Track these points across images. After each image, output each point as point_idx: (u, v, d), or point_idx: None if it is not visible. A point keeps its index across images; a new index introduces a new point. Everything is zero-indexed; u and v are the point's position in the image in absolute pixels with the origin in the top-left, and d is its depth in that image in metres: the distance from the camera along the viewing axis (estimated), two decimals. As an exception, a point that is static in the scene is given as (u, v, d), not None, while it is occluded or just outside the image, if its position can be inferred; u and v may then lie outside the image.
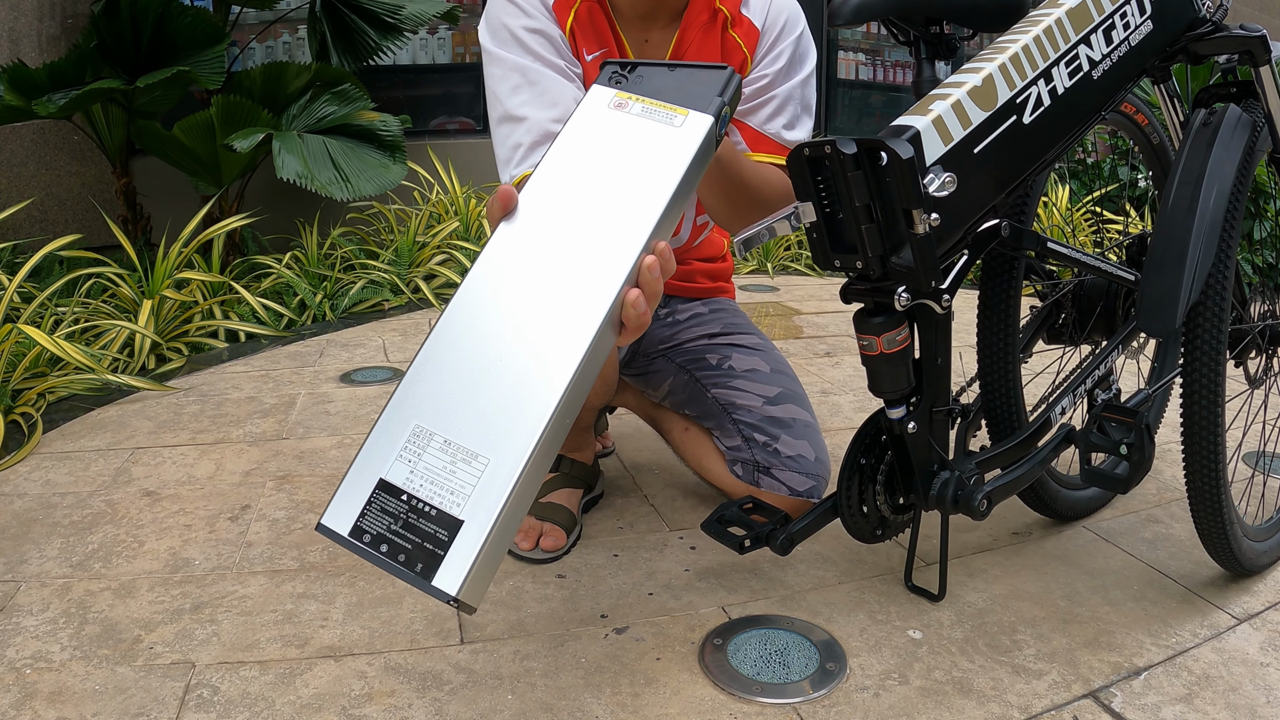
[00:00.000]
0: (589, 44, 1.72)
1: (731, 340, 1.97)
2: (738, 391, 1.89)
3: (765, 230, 1.34)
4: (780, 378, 1.92)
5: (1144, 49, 1.60)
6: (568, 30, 1.69)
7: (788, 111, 1.74)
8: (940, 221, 1.31)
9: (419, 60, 5.65)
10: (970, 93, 1.36)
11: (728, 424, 1.88)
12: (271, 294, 3.80)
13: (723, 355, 1.94)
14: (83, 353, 2.83)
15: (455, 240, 4.36)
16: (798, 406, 1.88)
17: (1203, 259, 1.50)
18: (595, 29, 1.73)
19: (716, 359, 1.94)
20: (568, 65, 1.67)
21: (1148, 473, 1.61)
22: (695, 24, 1.76)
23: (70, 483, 2.17)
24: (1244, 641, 1.59)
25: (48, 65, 3.59)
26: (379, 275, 4.07)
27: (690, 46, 1.76)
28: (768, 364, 1.93)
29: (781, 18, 1.77)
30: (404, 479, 0.89)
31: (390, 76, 5.44)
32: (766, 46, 1.76)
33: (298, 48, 5.25)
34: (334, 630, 1.58)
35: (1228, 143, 1.59)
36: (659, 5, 1.74)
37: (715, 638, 1.56)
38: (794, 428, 1.85)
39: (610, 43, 1.75)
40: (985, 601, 1.69)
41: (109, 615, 1.62)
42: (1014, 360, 1.76)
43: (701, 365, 1.94)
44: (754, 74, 1.75)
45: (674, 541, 1.90)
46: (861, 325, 1.41)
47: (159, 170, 4.23)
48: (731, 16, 1.75)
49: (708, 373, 1.93)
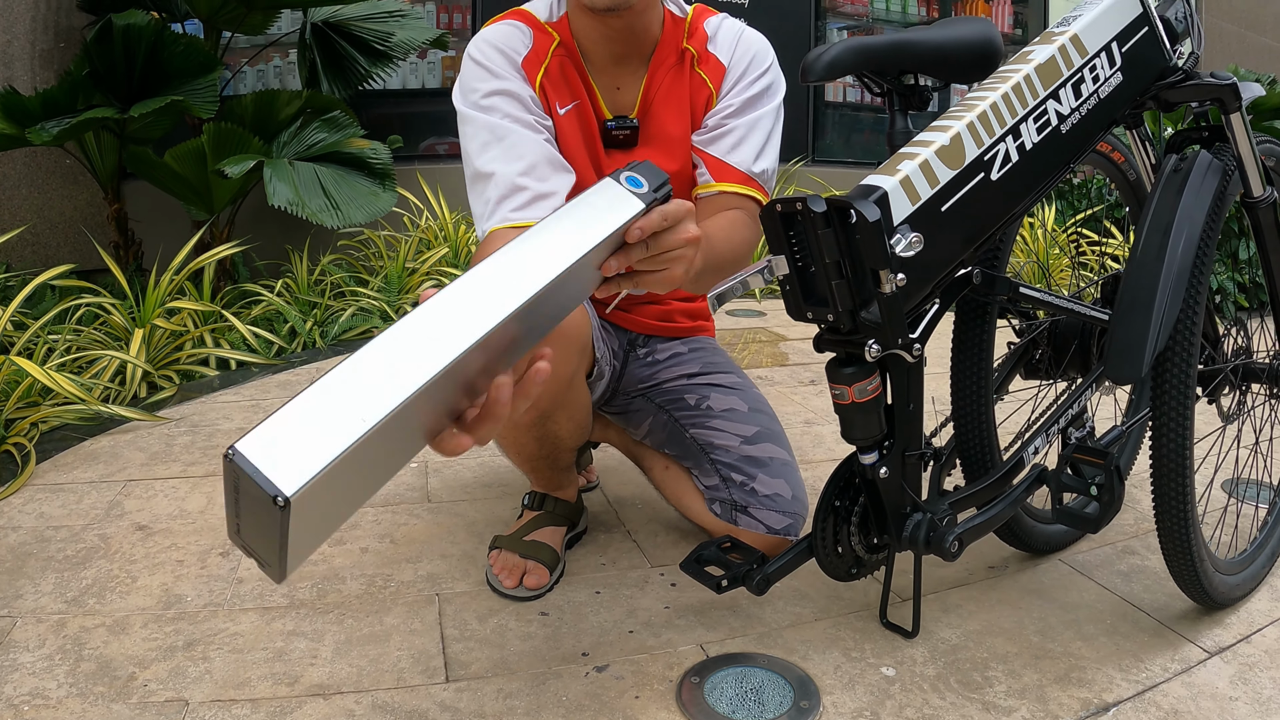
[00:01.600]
0: (560, 97, 1.78)
1: (710, 380, 2.00)
2: (715, 431, 1.92)
3: (739, 284, 1.38)
4: (758, 416, 1.95)
5: (1114, 100, 1.63)
6: (537, 87, 1.75)
7: (752, 142, 1.78)
8: (907, 281, 1.34)
9: (409, 85, 5.68)
10: (938, 152, 1.39)
11: (706, 464, 1.92)
12: (262, 321, 3.82)
13: (701, 395, 1.97)
14: (74, 383, 2.85)
15: (444, 266, 4.39)
16: (775, 445, 1.92)
17: (1170, 306, 1.53)
18: (566, 81, 1.79)
19: (695, 399, 1.97)
20: (537, 120, 1.71)
21: (1118, 512, 1.65)
22: (664, 65, 1.82)
23: (64, 516, 2.19)
24: (1214, 675, 1.62)
25: (41, 93, 3.62)
26: (368, 302, 4.09)
27: (660, 88, 1.81)
28: (745, 403, 1.96)
29: (749, 53, 1.82)
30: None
31: (380, 100, 5.47)
32: (733, 80, 1.81)
33: (289, 72, 5.28)
34: (323, 668, 1.61)
35: (1197, 189, 1.63)
36: (629, 50, 1.80)
37: (693, 675, 1.59)
38: (770, 466, 1.88)
39: (582, 93, 1.80)
40: (959, 637, 1.72)
41: (104, 652, 1.65)
42: (987, 402, 1.79)
43: (680, 405, 1.97)
44: (720, 106, 1.81)
45: (655, 578, 1.93)
46: (833, 375, 1.45)
47: (151, 194, 4.25)
48: (698, 54, 1.81)
49: (686, 413, 1.96)
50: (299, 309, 3.95)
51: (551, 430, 1.79)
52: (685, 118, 1.83)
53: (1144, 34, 1.66)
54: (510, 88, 1.71)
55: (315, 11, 4.42)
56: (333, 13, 4.43)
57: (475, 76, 1.72)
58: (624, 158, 1.83)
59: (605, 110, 1.83)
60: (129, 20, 3.72)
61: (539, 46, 1.77)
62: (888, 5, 7.26)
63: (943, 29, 1.63)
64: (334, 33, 4.45)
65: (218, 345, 3.52)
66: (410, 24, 4.63)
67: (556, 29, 1.80)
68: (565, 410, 1.76)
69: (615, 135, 1.83)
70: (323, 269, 4.42)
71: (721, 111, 1.80)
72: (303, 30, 4.45)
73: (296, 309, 3.93)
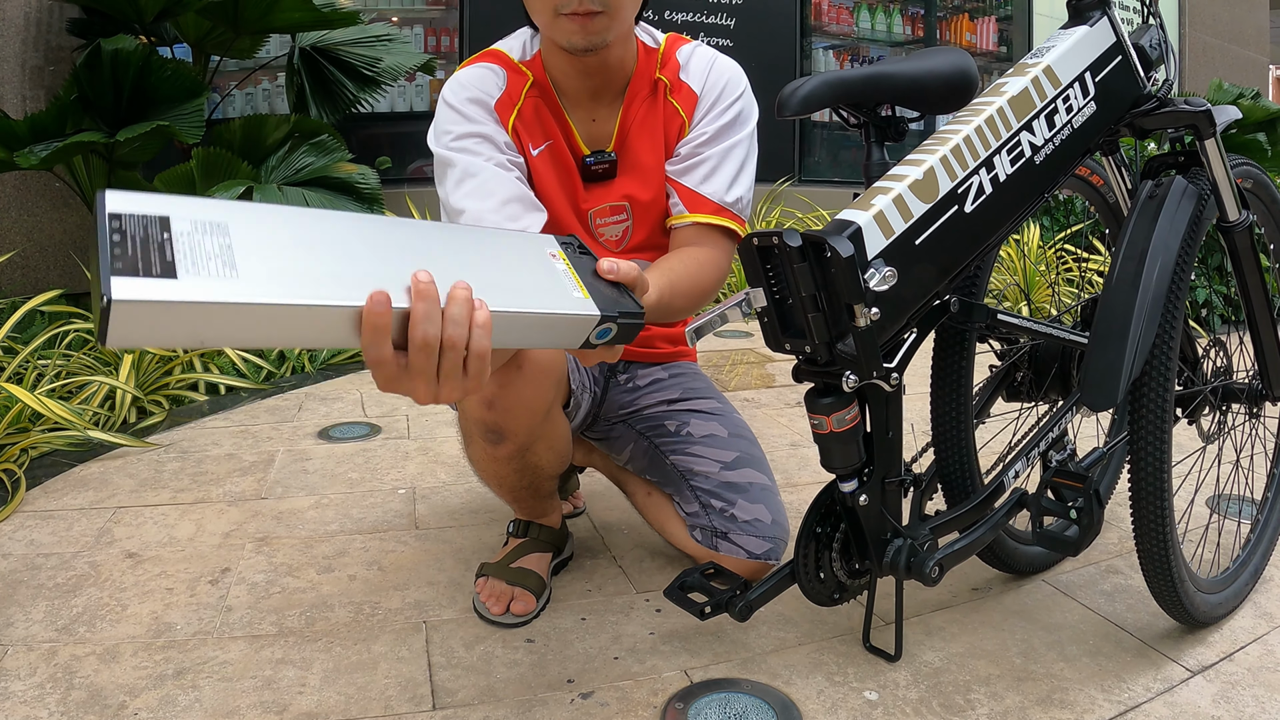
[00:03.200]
0: (534, 138, 1.81)
1: (690, 405, 2.01)
2: (695, 458, 1.94)
3: (717, 318, 1.40)
4: (738, 441, 1.97)
5: (1088, 129, 1.65)
6: (510, 129, 1.77)
7: (725, 171, 1.79)
8: (881, 314, 1.36)
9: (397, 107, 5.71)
10: (912, 186, 1.42)
11: (686, 490, 1.94)
12: (251, 345, 3.83)
13: (681, 421, 1.99)
14: (64, 409, 2.87)
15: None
16: (755, 470, 1.93)
17: (1145, 333, 1.55)
18: (540, 121, 1.81)
19: (675, 425, 1.99)
20: (509, 159, 1.74)
21: (1097, 535, 1.66)
22: (638, 97, 1.84)
23: (54, 543, 2.20)
24: (1196, 695, 1.63)
25: (29, 117, 3.64)
26: (358, 324, 4.09)
27: (635, 120, 1.83)
28: (726, 428, 1.98)
29: (721, 81, 1.84)
30: (179, 224, 0.90)
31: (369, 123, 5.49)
32: (705, 109, 1.83)
33: (277, 95, 5.30)
34: (311, 696, 1.62)
35: (1172, 215, 1.65)
36: (604, 84, 1.81)
37: (677, 701, 1.60)
38: (750, 492, 1.90)
39: (556, 131, 1.82)
40: (942, 660, 1.74)
41: (94, 680, 1.66)
42: (967, 427, 1.81)
43: (660, 432, 1.99)
44: (692, 134, 1.82)
45: (640, 604, 1.94)
46: (811, 405, 1.47)
47: (140, 218, 4.25)
48: (670, 84, 1.83)
49: (666, 439, 1.98)
50: (288, 332, 3.95)
51: (531, 461, 1.80)
52: (659, 147, 1.84)
53: (1117, 63, 1.68)
54: (483, 130, 1.73)
55: (303, 36, 4.45)
56: (320, 37, 4.45)
57: (448, 120, 1.75)
58: (603, 192, 1.85)
59: (582, 145, 1.85)
60: (117, 45, 3.74)
61: (512, 88, 1.79)
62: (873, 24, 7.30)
63: (918, 61, 1.65)
64: (322, 57, 4.47)
65: (207, 370, 3.53)
66: (398, 49, 4.66)
67: (530, 67, 1.81)
68: (544, 441, 1.78)
69: (594, 170, 1.84)
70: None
71: (694, 140, 1.81)
72: (291, 55, 4.47)
73: (286, 332, 3.92)
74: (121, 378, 3.17)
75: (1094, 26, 1.66)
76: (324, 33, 4.44)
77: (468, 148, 1.72)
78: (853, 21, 7.19)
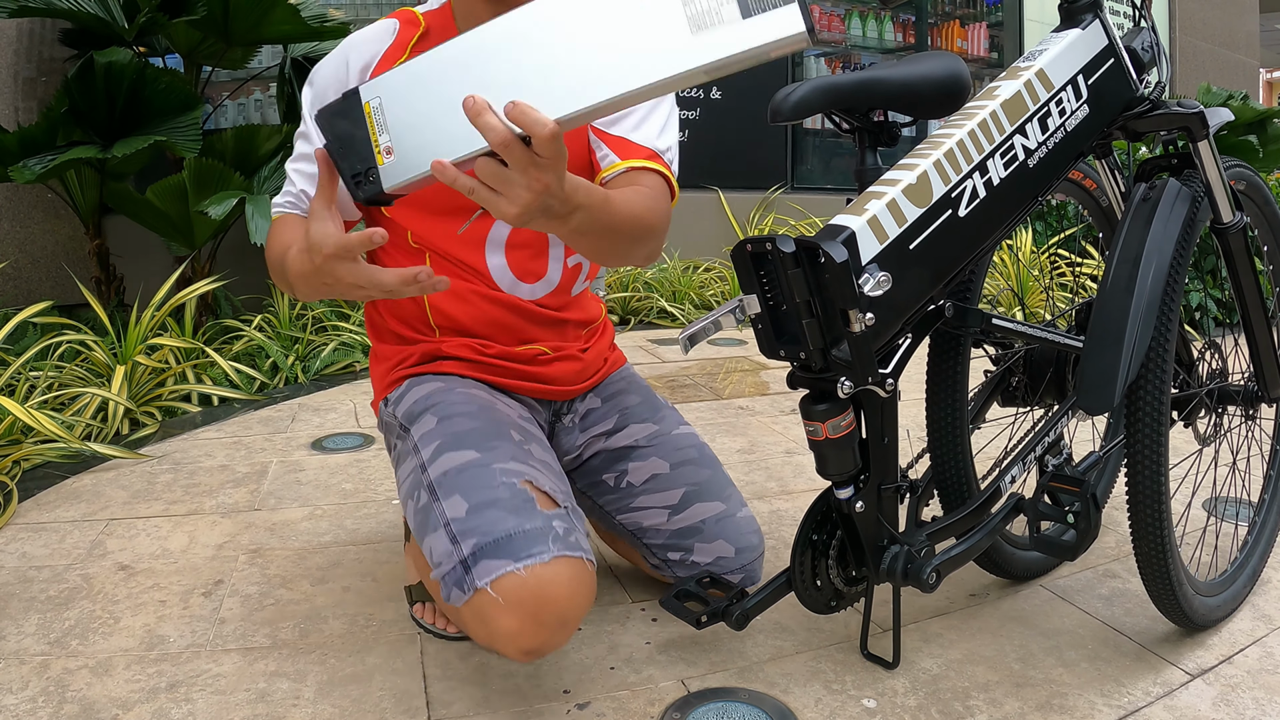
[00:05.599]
0: None
1: (627, 439, 1.92)
2: (641, 511, 1.87)
3: (711, 325, 1.39)
4: (681, 472, 1.88)
5: (1081, 132, 1.65)
6: None
7: (654, 120, 1.70)
8: (876, 320, 1.36)
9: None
10: (905, 190, 1.41)
11: (640, 548, 1.90)
12: (244, 356, 3.83)
13: (619, 472, 1.90)
14: (56, 421, 2.86)
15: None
16: (705, 501, 1.86)
17: (1141, 337, 1.55)
18: None
19: (614, 478, 1.91)
20: None
21: (1095, 540, 1.66)
22: None
23: (46, 555, 2.19)
24: (1196, 698, 1.63)
25: (20, 130, 3.63)
26: (350, 337, 4.10)
27: None
28: (666, 460, 1.90)
29: None
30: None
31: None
32: None
33: (269, 105, 5.29)
34: (305, 709, 1.61)
35: (1166, 218, 1.64)
36: None
37: (674, 711, 1.59)
38: (705, 531, 1.84)
39: None
40: (940, 667, 1.73)
41: (87, 694, 1.64)
42: (963, 432, 1.80)
43: (601, 489, 1.91)
44: None
45: (635, 613, 1.93)
46: (807, 412, 1.46)
47: (132, 229, 4.26)
48: None
49: (609, 497, 1.91)
50: (281, 344, 3.96)
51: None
52: None
53: (1110, 66, 1.68)
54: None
55: (295, 47, 4.44)
56: (312, 48, 4.44)
57: (306, 95, 1.72)
58: None
59: None
60: (110, 58, 3.73)
61: (400, 41, 1.69)
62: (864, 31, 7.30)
63: (910, 66, 1.65)
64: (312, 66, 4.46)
65: (200, 381, 3.52)
66: (388, 58, 4.64)
67: (432, 17, 1.72)
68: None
69: None
70: (304, 304, 4.42)
71: None
72: (283, 65, 4.46)
73: (278, 344, 3.93)
74: (114, 389, 3.16)
75: (1086, 29, 1.66)
76: (315, 44, 4.43)
77: (306, 132, 1.70)
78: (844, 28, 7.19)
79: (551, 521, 1.45)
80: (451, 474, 1.54)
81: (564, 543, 1.43)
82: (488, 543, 1.41)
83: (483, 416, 1.65)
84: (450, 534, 1.45)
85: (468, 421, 1.63)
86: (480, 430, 1.61)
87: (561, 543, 1.43)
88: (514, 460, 1.55)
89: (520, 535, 1.41)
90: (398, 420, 1.76)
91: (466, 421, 1.63)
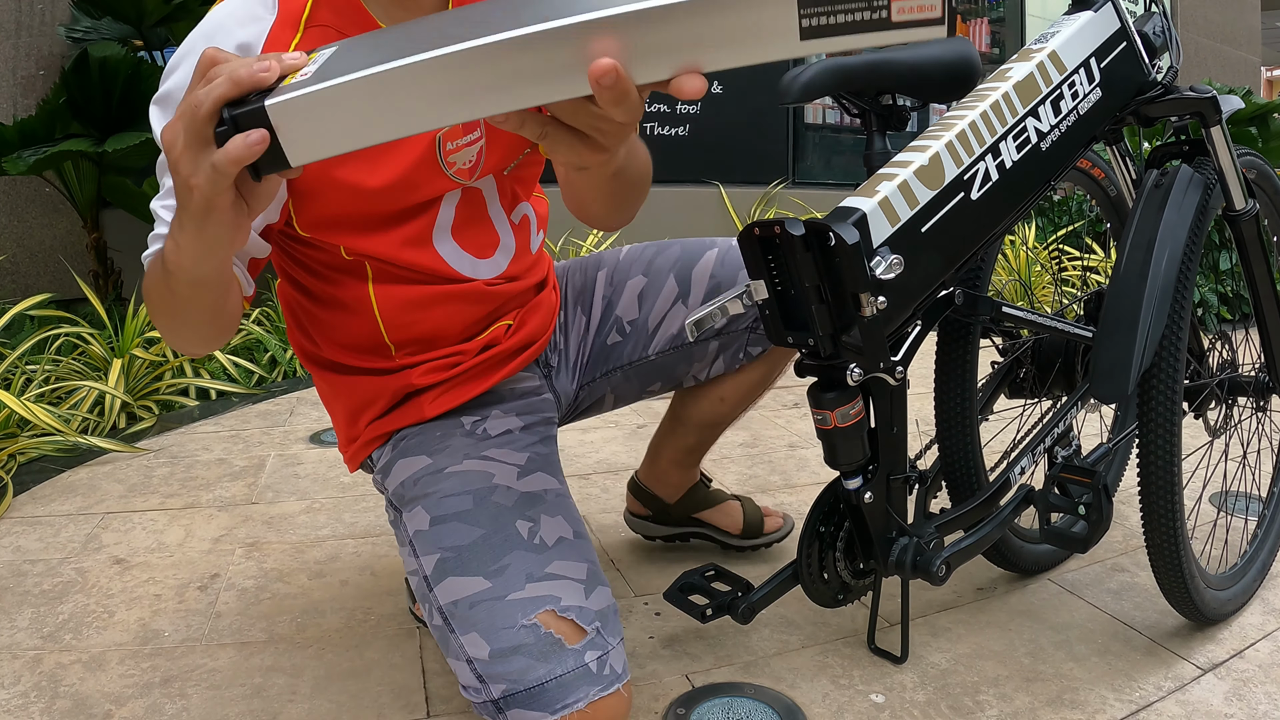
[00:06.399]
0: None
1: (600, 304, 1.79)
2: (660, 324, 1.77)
3: (718, 310, 1.36)
4: (658, 266, 1.77)
5: (1094, 116, 1.62)
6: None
7: None
8: (887, 304, 1.33)
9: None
10: (917, 172, 1.38)
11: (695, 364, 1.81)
12: (242, 350, 3.81)
13: (615, 323, 1.78)
14: (52, 415, 2.83)
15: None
16: (699, 258, 1.76)
17: (1155, 324, 1.52)
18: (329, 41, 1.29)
19: (617, 331, 1.78)
20: None
21: (1106, 531, 1.63)
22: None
23: (41, 549, 2.17)
24: (1208, 693, 1.60)
25: (18, 123, 3.62)
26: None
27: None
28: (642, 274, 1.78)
29: None
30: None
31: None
32: None
33: (268, 98, 5.28)
34: (302, 704, 1.58)
35: (1179, 204, 1.62)
36: None
37: (679, 707, 1.57)
38: (722, 262, 1.75)
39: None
40: (948, 662, 1.70)
41: (80, 689, 1.62)
42: (972, 423, 1.78)
43: (619, 353, 1.80)
44: None
45: (639, 607, 1.91)
46: (815, 400, 1.43)
47: (130, 223, 4.25)
48: None
49: (630, 348, 1.80)
50: (279, 338, 3.93)
51: None
52: None
53: (1122, 49, 1.65)
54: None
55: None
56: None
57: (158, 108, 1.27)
58: None
59: None
60: (105, 53, 3.72)
61: (285, 17, 1.30)
62: (866, 26, 7.27)
63: (920, 48, 1.62)
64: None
65: (197, 375, 3.50)
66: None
67: None
68: None
69: None
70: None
71: None
72: (280, 58, 4.44)
73: (276, 338, 3.91)
74: (111, 383, 3.14)
75: (1098, 12, 1.63)
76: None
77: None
78: (846, 22, 7.17)
79: (584, 657, 1.30)
80: (463, 606, 1.34)
81: (599, 680, 1.29)
82: (519, 691, 1.27)
83: (482, 514, 1.40)
84: (475, 672, 1.31)
85: (466, 528, 1.39)
86: (484, 540, 1.37)
87: (596, 681, 1.30)
88: (529, 580, 1.34)
89: (553, 684, 1.27)
90: (387, 493, 1.54)
91: (464, 528, 1.39)
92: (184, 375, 3.47)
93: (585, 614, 1.32)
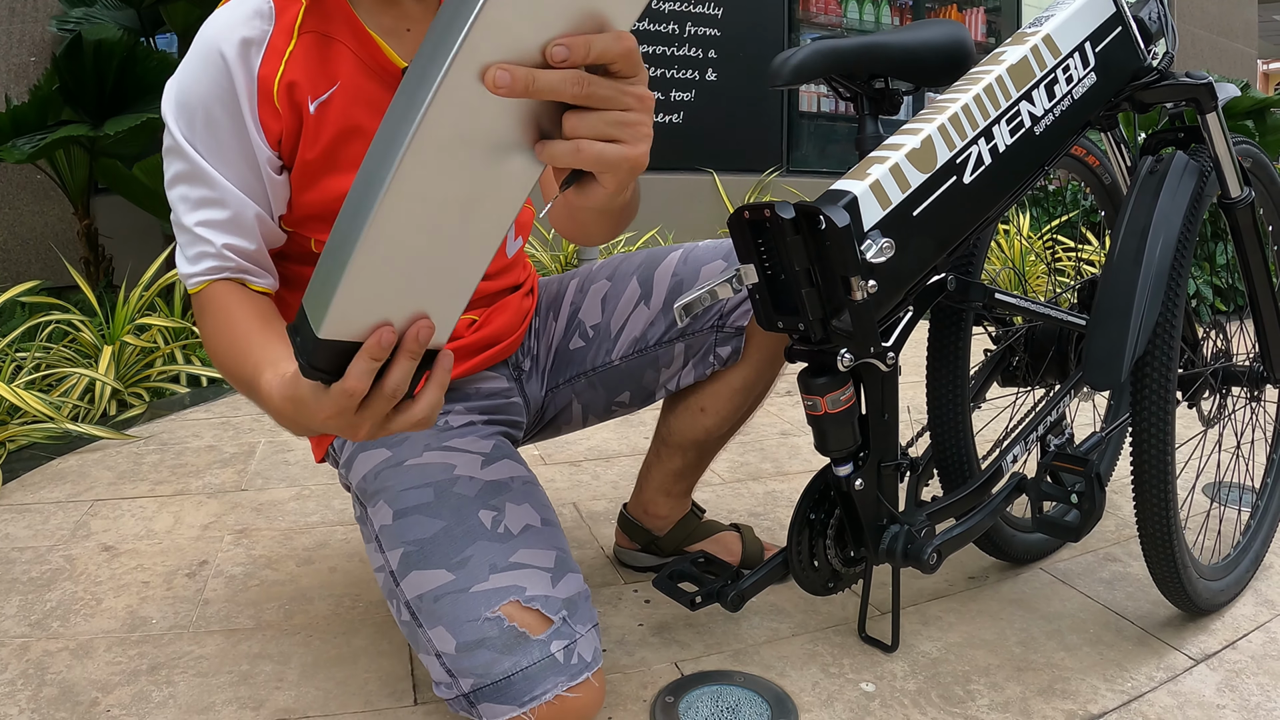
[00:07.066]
0: (314, 87, 1.35)
1: (567, 310, 1.78)
2: (625, 326, 1.74)
3: (707, 294, 1.35)
4: (622, 271, 1.76)
5: (1088, 101, 1.61)
6: (277, 90, 1.32)
7: None
8: (878, 288, 1.32)
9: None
10: (909, 155, 1.37)
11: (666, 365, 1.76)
12: (235, 336, 3.79)
13: (579, 328, 1.76)
14: (43, 402, 2.82)
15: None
16: (662, 261, 1.74)
17: (1148, 311, 1.51)
18: (323, 60, 1.36)
19: (579, 336, 1.76)
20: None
21: (1099, 520, 1.62)
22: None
23: (29, 536, 2.15)
24: (1200, 683, 1.60)
25: (11, 110, 3.59)
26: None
27: None
28: (606, 279, 1.76)
29: None
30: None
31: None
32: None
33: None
34: (289, 692, 1.57)
35: (1174, 191, 1.61)
36: None
37: (668, 695, 1.56)
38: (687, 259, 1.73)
39: (348, 59, 1.38)
40: (939, 650, 1.69)
41: (67, 676, 1.61)
42: (964, 410, 1.77)
43: (582, 357, 1.78)
44: None
45: (628, 595, 1.90)
46: (806, 386, 1.42)
47: (122, 210, 4.23)
48: None
49: (593, 353, 1.77)
50: (272, 324, 3.91)
51: None
52: None
53: (1117, 34, 1.64)
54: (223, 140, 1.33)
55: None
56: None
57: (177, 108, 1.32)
58: None
59: (396, 58, 1.39)
60: (100, 36, 3.69)
61: (282, 25, 1.34)
62: (861, 15, 7.26)
63: (913, 31, 1.61)
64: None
65: (188, 362, 3.48)
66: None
67: None
68: None
69: None
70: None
71: None
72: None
73: (269, 324, 3.88)
74: (101, 370, 3.12)
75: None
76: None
77: (200, 172, 1.32)
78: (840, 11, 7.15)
79: (549, 648, 1.30)
80: (428, 600, 1.35)
81: (565, 670, 1.30)
82: (486, 685, 1.29)
83: (444, 506, 1.40)
84: (444, 666, 1.33)
85: (427, 521, 1.39)
86: (446, 532, 1.38)
87: (563, 671, 1.30)
88: (493, 571, 1.34)
89: (519, 677, 1.28)
90: (351, 488, 1.56)
91: (426, 521, 1.39)
92: (175, 362, 3.45)
93: (551, 603, 1.33)
